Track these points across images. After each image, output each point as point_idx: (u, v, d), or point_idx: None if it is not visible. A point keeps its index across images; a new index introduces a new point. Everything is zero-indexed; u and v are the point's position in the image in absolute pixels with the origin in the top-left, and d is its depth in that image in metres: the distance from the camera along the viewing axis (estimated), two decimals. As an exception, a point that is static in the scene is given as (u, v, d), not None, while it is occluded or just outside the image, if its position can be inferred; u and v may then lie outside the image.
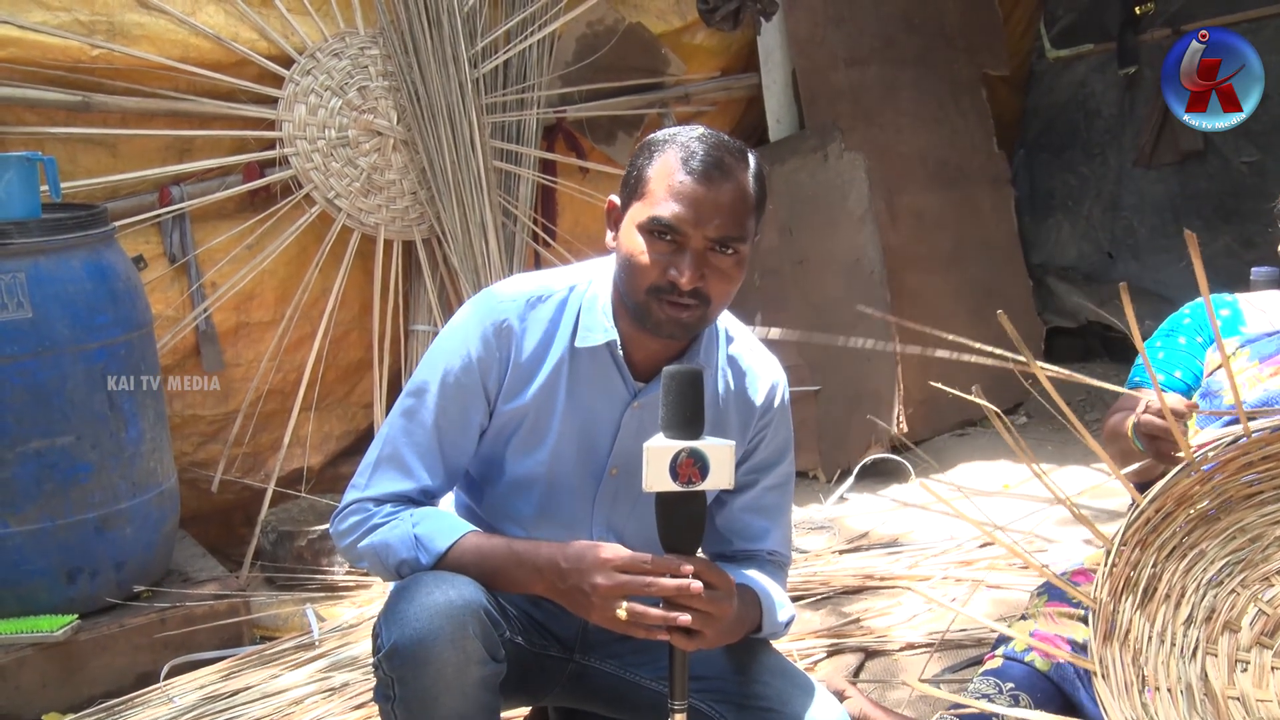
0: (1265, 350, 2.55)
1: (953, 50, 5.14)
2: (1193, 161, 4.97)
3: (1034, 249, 5.40)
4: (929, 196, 4.86)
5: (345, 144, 3.59)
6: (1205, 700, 2.06)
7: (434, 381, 1.84)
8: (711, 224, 1.74)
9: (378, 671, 1.73)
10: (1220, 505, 2.16)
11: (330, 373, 3.72)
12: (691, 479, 1.62)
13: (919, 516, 3.82)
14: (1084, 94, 5.34)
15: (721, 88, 4.61)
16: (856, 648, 2.90)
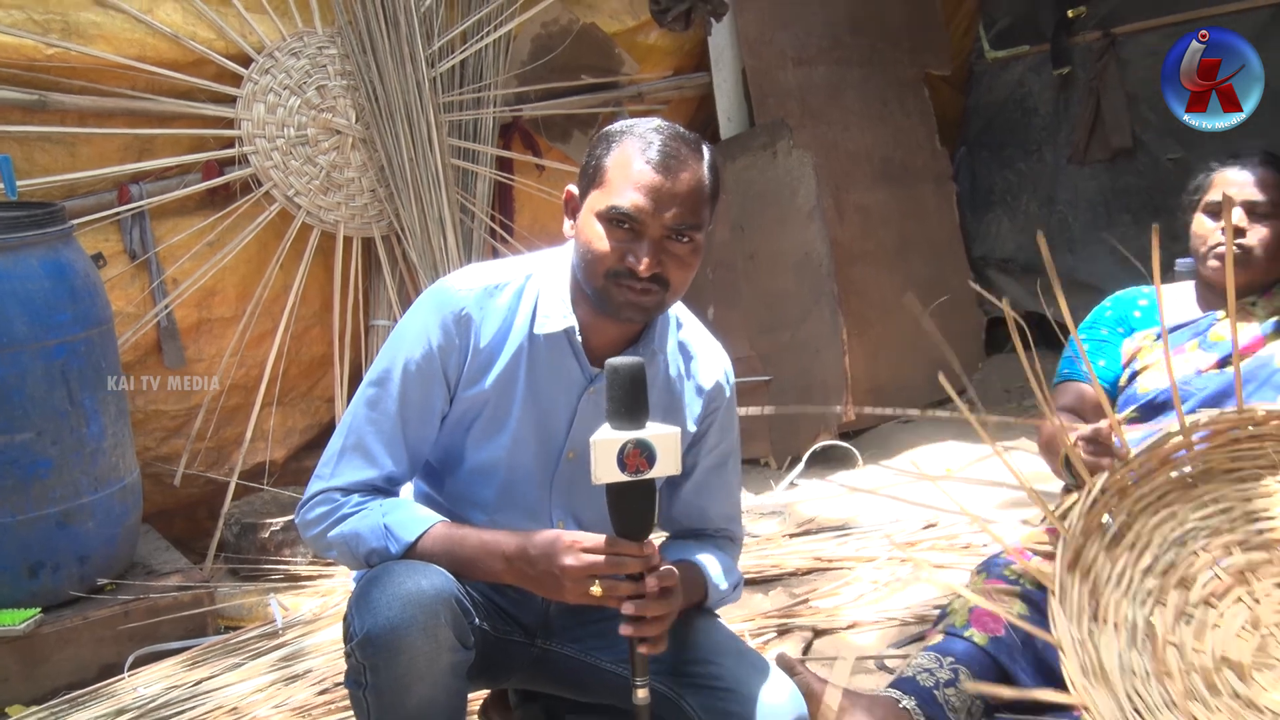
0: (1178, 339, 2.59)
1: (897, 51, 5.14)
2: (1123, 158, 5.00)
3: (975, 242, 5.42)
4: (875, 193, 4.86)
5: (304, 142, 3.52)
6: (1146, 641, 2.09)
7: (396, 370, 1.82)
8: (669, 212, 1.73)
9: (350, 659, 1.71)
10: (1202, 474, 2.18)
11: (292, 368, 3.65)
12: (639, 468, 1.62)
13: (866, 501, 3.82)
14: (1021, 93, 5.36)
15: (674, 87, 4.58)
16: (806, 627, 2.90)
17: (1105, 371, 2.65)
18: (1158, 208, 4.78)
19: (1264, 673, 2.11)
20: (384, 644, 1.64)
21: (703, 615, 1.96)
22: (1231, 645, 2.14)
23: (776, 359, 4.38)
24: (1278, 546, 2.17)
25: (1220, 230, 2.53)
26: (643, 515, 1.68)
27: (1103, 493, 2.16)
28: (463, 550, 1.76)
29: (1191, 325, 2.62)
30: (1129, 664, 2.11)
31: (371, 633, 1.64)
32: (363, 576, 1.78)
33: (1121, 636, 2.13)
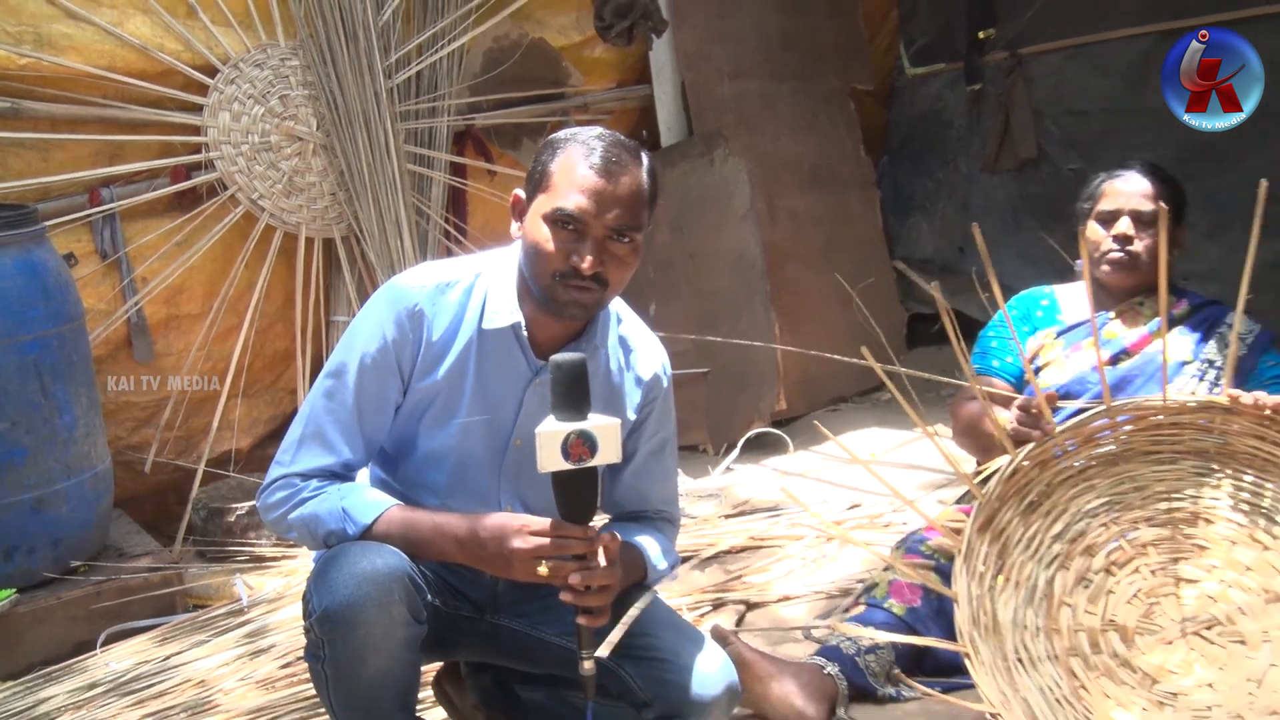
0: (1075, 338, 2.63)
1: (824, 67, 5.18)
2: (1029, 168, 5.06)
3: (897, 244, 5.46)
4: (804, 198, 4.89)
5: (268, 148, 3.50)
6: (1043, 600, 2.16)
7: (352, 363, 1.82)
8: (610, 214, 1.74)
9: (309, 634, 1.72)
10: (1122, 453, 2.23)
11: (257, 361, 3.63)
12: (582, 457, 1.64)
13: (797, 484, 3.85)
14: (938, 107, 5.41)
15: (617, 98, 4.59)
16: (740, 601, 2.92)
17: (1012, 366, 2.68)
18: (1060, 214, 4.84)
19: (1145, 637, 2.18)
20: (341, 620, 1.65)
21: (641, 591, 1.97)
22: (1121, 610, 2.20)
23: (713, 352, 4.40)
24: (1181, 525, 2.23)
25: (1112, 237, 2.57)
26: (586, 501, 1.71)
27: (1024, 464, 2.21)
28: (417, 532, 1.77)
29: (1088, 324, 2.67)
30: (1022, 619, 2.17)
31: (329, 609, 1.65)
32: (321, 557, 1.78)
33: (1020, 594, 2.19)
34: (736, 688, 1.91)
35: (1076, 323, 2.67)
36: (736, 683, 1.91)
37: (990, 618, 2.15)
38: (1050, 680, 2.11)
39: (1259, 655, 2.11)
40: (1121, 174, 2.62)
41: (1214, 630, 2.15)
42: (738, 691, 1.92)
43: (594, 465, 1.65)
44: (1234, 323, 2.56)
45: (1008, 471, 2.20)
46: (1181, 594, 2.20)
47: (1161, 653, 2.15)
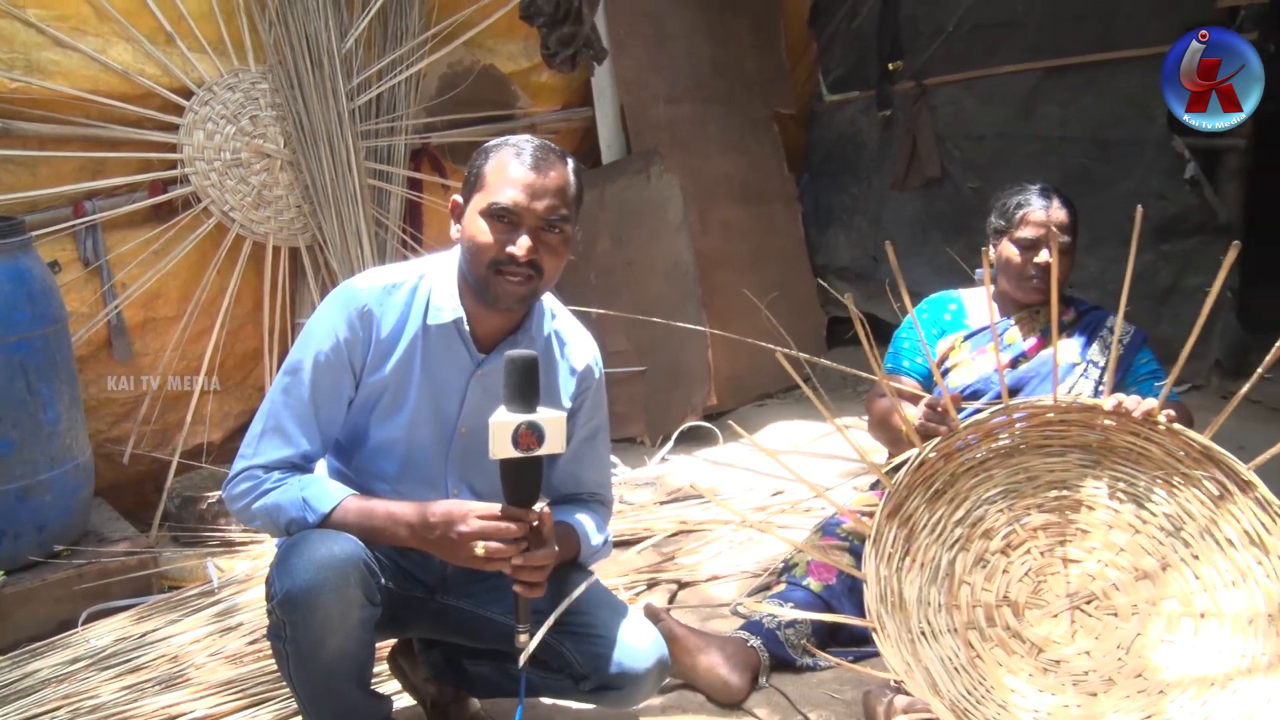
0: (980, 341, 2.66)
1: (750, 93, 5.20)
2: (934, 186, 5.12)
3: (817, 253, 5.50)
4: (733, 211, 4.91)
5: (239, 164, 3.44)
6: (946, 579, 2.19)
7: (307, 361, 1.81)
8: (542, 204, 1.74)
9: (271, 615, 1.71)
10: (1017, 446, 2.27)
11: (228, 360, 3.58)
12: (530, 446, 1.64)
13: (726, 473, 3.87)
14: (853, 130, 5.45)
15: (562, 119, 4.58)
16: (672, 581, 2.93)
17: (921, 366, 2.70)
18: (962, 228, 4.93)
19: (1034, 611, 2.22)
20: (301, 602, 1.64)
21: (579, 572, 1.98)
22: (1014, 587, 2.24)
23: (650, 352, 4.41)
24: (1067, 511, 2.28)
25: (1033, 263, 2.56)
26: (531, 486, 1.71)
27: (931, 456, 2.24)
28: (371, 520, 1.76)
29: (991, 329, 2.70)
30: (926, 597, 2.20)
31: (290, 593, 1.64)
32: (282, 544, 1.77)
33: (925, 574, 2.22)
34: (666, 660, 1.93)
35: (981, 328, 2.68)
36: (667, 656, 1.92)
37: (897, 595, 2.18)
38: (950, 651, 2.14)
39: (1129, 625, 2.16)
40: (1038, 202, 2.56)
41: (1092, 604, 2.21)
42: (668, 663, 1.94)
43: (540, 454, 1.65)
44: (1114, 327, 2.64)
45: (915, 463, 2.23)
46: (1066, 572, 2.25)
47: (1047, 625, 2.20)
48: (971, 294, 2.80)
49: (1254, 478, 2.07)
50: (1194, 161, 4.16)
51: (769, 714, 2.21)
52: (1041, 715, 2.07)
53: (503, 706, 2.22)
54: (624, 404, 4.32)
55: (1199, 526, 2.16)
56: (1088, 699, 2.08)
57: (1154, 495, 2.22)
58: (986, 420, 2.27)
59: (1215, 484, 2.14)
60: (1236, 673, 2.01)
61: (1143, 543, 2.22)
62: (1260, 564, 2.07)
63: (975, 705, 2.07)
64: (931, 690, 2.04)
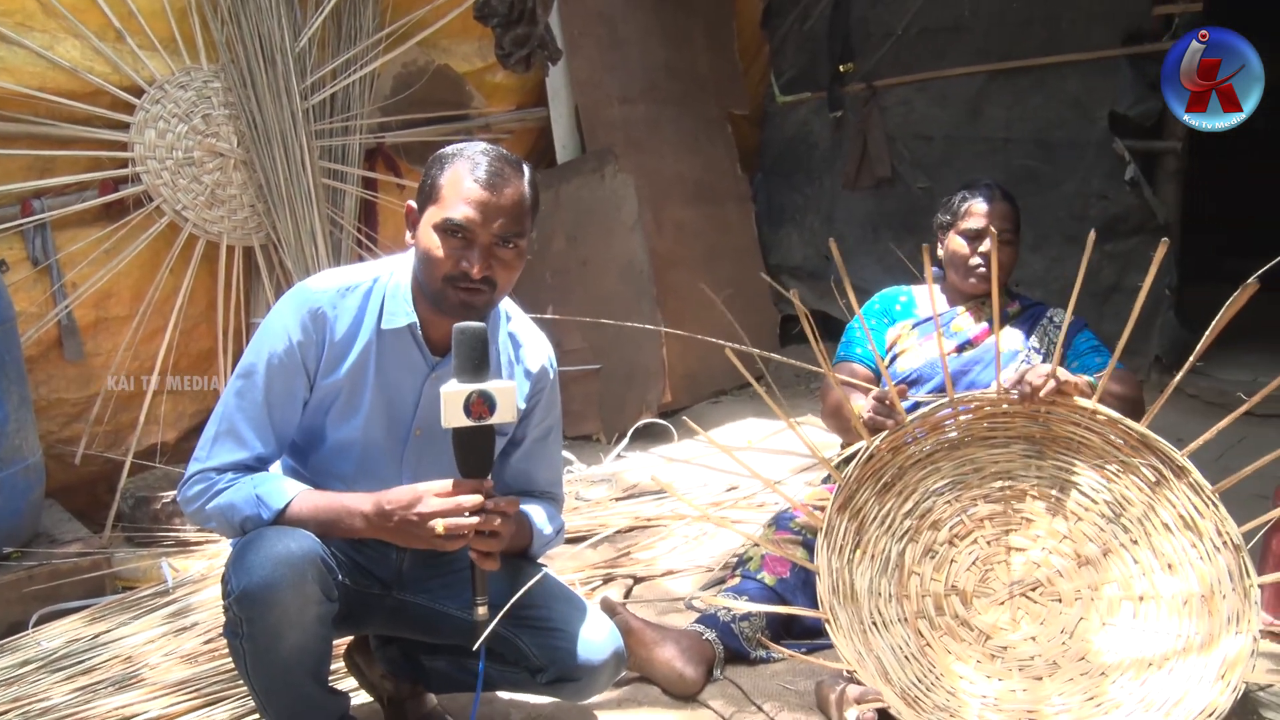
0: (928, 329, 2.72)
1: (704, 93, 5.23)
2: (884, 186, 5.19)
3: (770, 252, 5.55)
4: (687, 210, 4.94)
5: (191, 163, 3.40)
6: (896, 570, 2.23)
7: (261, 364, 1.79)
8: (496, 223, 1.74)
9: (228, 613, 1.69)
10: (963, 439, 2.31)
11: (182, 360, 3.53)
12: (482, 415, 1.64)
13: (681, 469, 3.88)
14: (805, 131, 5.51)
15: (516, 119, 4.58)
16: (628, 575, 2.94)
17: (870, 354, 2.75)
18: (912, 226, 4.99)
19: (981, 599, 2.26)
20: (258, 599, 1.63)
21: (532, 566, 1.98)
22: (961, 576, 2.28)
23: (605, 350, 4.42)
24: (1012, 501, 2.32)
25: (976, 254, 2.64)
26: (483, 456, 1.70)
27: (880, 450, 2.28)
28: (327, 513, 1.75)
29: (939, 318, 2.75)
30: (877, 588, 2.24)
31: (247, 589, 1.63)
32: (237, 542, 1.75)
33: (876, 565, 2.26)
34: (622, 653, 1.94)
35: (929, 316, 2.75)
36: (622, 648, 1.93)
37: (849, 587, 2.21)
38: (900, 640, 2.18)
39: (1072, 611, 2.21)
40: (981, 196, 2.66)
41: (1037, 591, 2.25)
42: (624, 655, 1.95)
43: (492, 423, 1.66)
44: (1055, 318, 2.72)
45: (864, 456, 2.27)
46: (1011, 561, 2.29)
47: (994, 612, 2.24)
48: (921, 289, 2.87)
49: (1188, 463, 2.13)
50: (1134, 163, 4.25)
51: (724, 706, 2.22)
52: (989, 700, 2.11)
53: (460, 701, 2.22)
54: (579, 402, 4.33)
55: (1138, 512, 2.21)
56: (1033, 683, 2.13)
57: (1094, 483, 2.28)
58: (931, 413, 2.31)
59: (1152, 470, 2.20)
60: (1173, 653, 2.07)
61: (1084, 530, 2.27)
62: (1194, 547, 2.12)
63: (925, 693, 2.10)
64: (883, 679, 2.08)
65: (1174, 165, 4.35)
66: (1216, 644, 2.02)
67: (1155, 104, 4.28)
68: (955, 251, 2.67)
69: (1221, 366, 4.14)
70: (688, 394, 4.65)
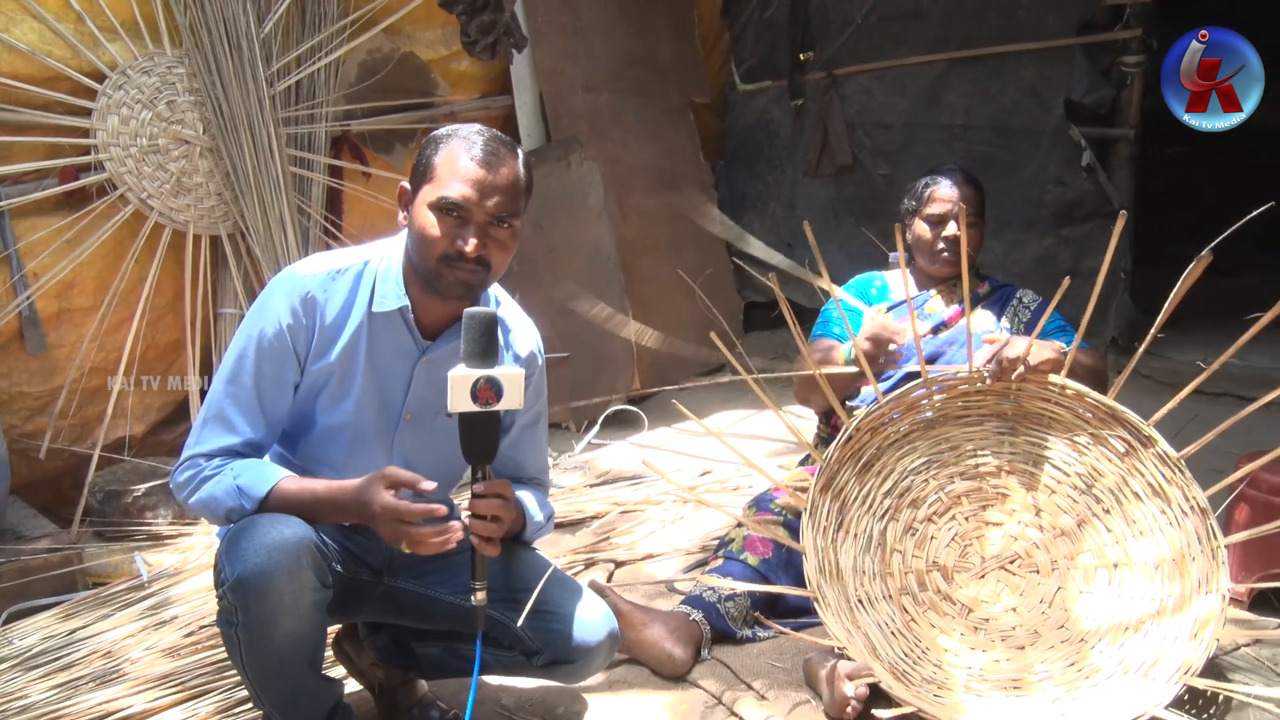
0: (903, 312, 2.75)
1: (666, 82, 5.23)
2: (845, 173, 5.22)
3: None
4: (651, 198, 4.93)
5: (156, 151, 3.32)
6: (878, 548, 2.27)
7: (251, 349, 1.77)
8: (491, 201, 1.73)
9: (222, 601, 1.66)
10: (938, 418, 2.34)
11: (149, 351, 3.45)
12: (489, 401, 1.63)
13: (653, 455, 3.89)
14: (766, 119, 5.52)
15: (481, 107, 4.53)
16: (608, 560, 2.94)
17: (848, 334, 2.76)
18: (873, 213, 5.03)
19: (961, 574, 2.30)
20: (253, 586, 1.60)
21: (526, 550, 1.98)
22: (942, 553, 2.31)
23: (574, 338, 4.40)
24: (987, 477, 2.36)
25: (942, 236, 2.67)
26: (488, 442, 1.68)
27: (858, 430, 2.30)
28: (310, 501, 1.72)
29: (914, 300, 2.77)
30: (861, 566, 2.27)
31: (242, 577, 1.60)
32: (229, 530, 1.71)
33: (859, 544, 2.29)
34: (617, 634, 1.94)
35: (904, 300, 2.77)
36: (617, 629, 1.93)
37: (834, 566, 2.24)
38: (886, 616, 2.21)
39: (1050, 581, 2.26)
40: (944, 180, 2.69)
41: (1015, 563, 2.29)
42: (618, 637, 1.95)
43: (498, 410, 1.64)
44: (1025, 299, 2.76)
45: (844, 438, 2.29)
46: (989, 535, 2.33)
47: (975, 586, 2.28)
48: (894, 274, 2.89)
49: (1154, 433, 2.19)
50: (1089, 150, 4.32)
51: (714, 685, 2.23)
52: (975, 671, 2.14)
53: (450, 688, 2.20)
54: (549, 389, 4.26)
55: (1109, 482, 2.27)
56: (1016, 653, 2.17)
57: (1066, 456, 2.32)
58: (907, 393, 2.34)
59: (1121, 441, 2.25)
60: (1147, 616, 2.12)
61: (1059, 502, 2.31)
62: (1163, 513, 2.18)
63: (913, 666, 2.13)
64: (872, 655, 2.10)
65: (1127, 152, 4.43)
66: (1188, 605, 2.09)
67: (1109, 92, 4.36)
68: (921, 236, 2.70)
69: (1173, 347, 4.22)
70: (655, 381, 4.65)
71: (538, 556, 2.00)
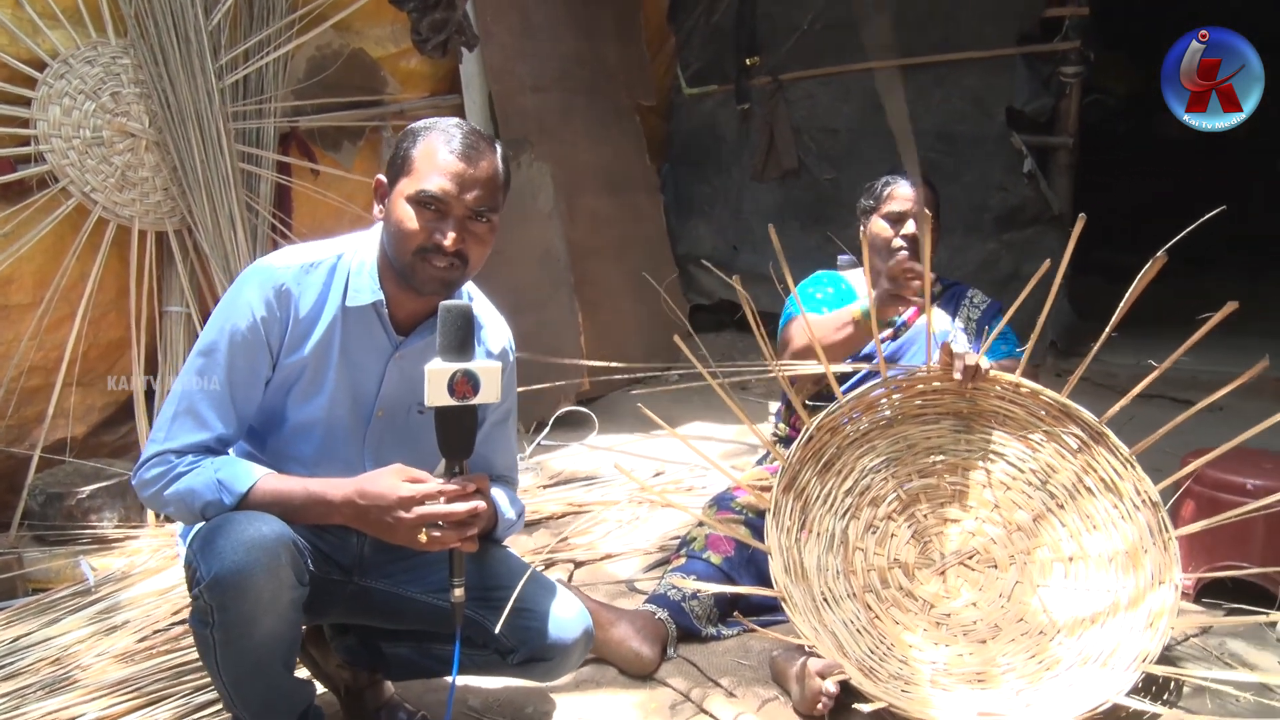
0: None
1: (613, 84, 5.24)
2: (791, 177, 5.29)
3: (679, 243, 5.59)
4: (600, 200, 4.94)
5: (100, 143, 3.22)
6: (841, 547, 2.30)
7: (223, 341, 1.74)
8: (470, 194, 1.73)
9: (198, 600, 1.61)
10: (896, 417, 2.37)
11: (91, 350, 3.34)
12: (466, 395, 1.63)
13: (605, 456, 3.89)
14: (712, 122, 5.57)
15: (430, 106, 4.48)
16: (568, 561, 2.94)
17: None
18: (819, 215, 5.11)
19: (922, 570, 2.34)
20: (231, 585, 1.57)
21: (498, 548, 1.97)
22: (902, 550, 2.35)
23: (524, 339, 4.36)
24: (944, 475, 2.40)
25: (900, 236, 2.70)
26: (465, 436, 1.67)
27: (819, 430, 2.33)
28: (293, 500, 1.69)
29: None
30: (825, 564, 2.30)
31: (220, 575, 1.56)
32: (201, 528, 1.67)
33: (822, 543, 2.32)
34: (591, 630, 1.94)
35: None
36: (591, 626, 1.93)
37: (798, 565, 2.26)
38: (851, 614, 2.24)
39: (1008, 575, 2.31)
40: (904, 181, 2.71)
41: (974, 559, 2.34)
42: (592, 634, 1.95)
43: (475, 404, 1.63)
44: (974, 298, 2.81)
45: (804, 438, 2.32)
46: (947, 532, 2.38)
47: (936, 582, 2.32)
48: (853, 274, 2.92)
49: (1106, 429, 2.26)
50: (1030, 156, 4.43)
51: (682, 683, 2.24)
52: (939, 666, 2.18)
53: (414, 689, 2.18)
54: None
55: (1062, 478, 2.33)
56: (979, 646, 2.21)
57: (1020, 453, 2.38)
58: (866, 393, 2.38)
59: (1074, 438, 2.31)
60: (1104, 607, 2.18)
61: (1014, 498, 2.37)
62: (1116, 507, 2.25)
63: (880, 663, 2.17)
64: (839, 652, 2.13)
65: (1066, 160, 4.56)
66: (1143, 596, 2.15)
67: (1048, 100, 4.48)
68: (878, 234, 2.71)
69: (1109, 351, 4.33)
70: (604, 383, 4.66)
71: (510, 554, 2.00)
